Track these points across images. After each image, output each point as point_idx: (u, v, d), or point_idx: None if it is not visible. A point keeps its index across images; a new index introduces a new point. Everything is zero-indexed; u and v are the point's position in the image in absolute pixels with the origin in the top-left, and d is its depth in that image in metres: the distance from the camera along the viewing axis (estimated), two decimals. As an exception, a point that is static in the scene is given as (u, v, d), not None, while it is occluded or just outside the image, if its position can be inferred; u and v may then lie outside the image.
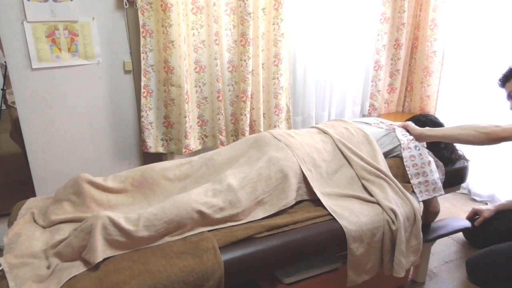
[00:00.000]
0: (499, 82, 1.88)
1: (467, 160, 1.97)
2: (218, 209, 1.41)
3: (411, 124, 1.84)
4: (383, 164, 1.69)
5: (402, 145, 1.75)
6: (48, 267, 1.23)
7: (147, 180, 1.62)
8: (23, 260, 1.24)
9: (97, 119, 2.16)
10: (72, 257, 1.24)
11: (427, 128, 1.78)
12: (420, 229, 1.57)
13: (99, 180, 1.55)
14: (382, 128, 1.88)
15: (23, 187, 2.07)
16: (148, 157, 2.33)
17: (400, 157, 1.75)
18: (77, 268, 1.19)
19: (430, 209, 1.77)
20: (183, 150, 2.23)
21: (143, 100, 2.14)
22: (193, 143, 2.31)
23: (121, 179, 1.60)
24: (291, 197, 1.55)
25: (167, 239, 1.33)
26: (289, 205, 1.54)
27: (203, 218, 1.38)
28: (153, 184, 1.61)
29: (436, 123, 1.91)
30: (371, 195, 1.59)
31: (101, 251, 1.22)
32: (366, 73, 2.81)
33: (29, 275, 1.18)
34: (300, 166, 1.59)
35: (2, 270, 1.20)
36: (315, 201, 1.58)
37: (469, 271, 1.92)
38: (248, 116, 2.36)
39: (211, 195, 1.44)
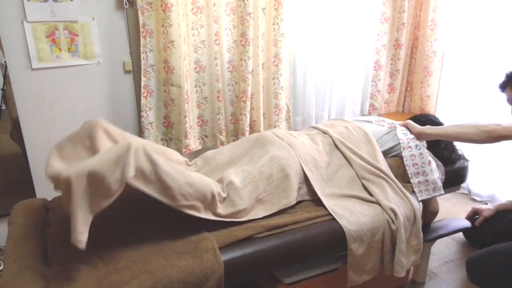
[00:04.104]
0: (500, 88, 1.89)
1: (467, 160, 1.97)
2: (222, 199, 1.42)
3: (411, 122, 1.84)
4: (383, 163, 1.69)
5: (401, 144, 1.75)
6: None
7: None
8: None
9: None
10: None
11: (427, 126, 1.78)
12: (420, 229, 1.58)
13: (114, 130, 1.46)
14: (384, 126, 1.88)
15: (23, 187, 2.07)
16: (148, 157, 2.32)
17: (400, 157, 1.75)
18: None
19: (429, 209, 1.77)
20: (183, 150, 2.23)
21: (143, 100, 2.14)
22: (193, 143, 2.31)
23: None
24: (292, 197, 1.55)
25: (176, 203, 1.27)
26: (290, 205, 1.54)
27: (212, 203, 1.38)
28: None
29: (436, 123, 1.91)
30: (371, 194, 1.59)
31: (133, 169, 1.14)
32: (366, 73, 2.81)
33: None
34: (301, 166, 1.59)
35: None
36: (315, 201, 1.58)
37: (469, 271, 1.92)
38: (248, 116, 2.36)
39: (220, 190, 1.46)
